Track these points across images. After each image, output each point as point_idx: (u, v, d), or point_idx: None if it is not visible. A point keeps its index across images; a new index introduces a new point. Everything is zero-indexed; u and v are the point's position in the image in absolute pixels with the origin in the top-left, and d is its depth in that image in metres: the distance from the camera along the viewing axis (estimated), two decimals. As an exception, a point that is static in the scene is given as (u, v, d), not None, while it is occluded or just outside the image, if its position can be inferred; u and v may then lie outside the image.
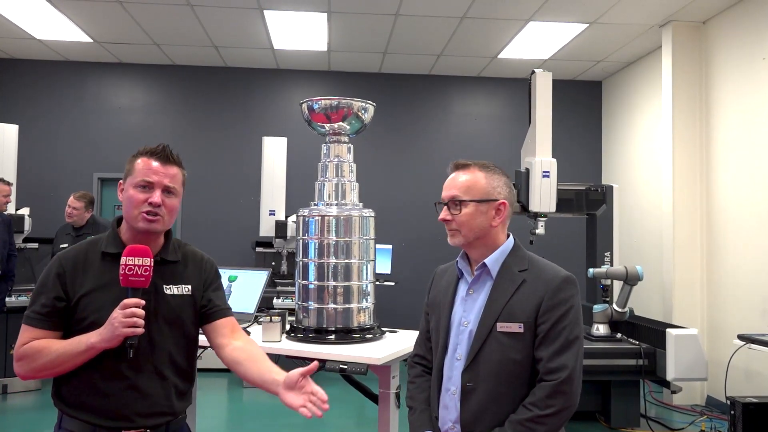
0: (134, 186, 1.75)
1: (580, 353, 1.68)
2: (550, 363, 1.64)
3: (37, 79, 7.50)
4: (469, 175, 1.78)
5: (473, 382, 1.70)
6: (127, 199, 1.76)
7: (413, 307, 6.92)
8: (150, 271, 1.70)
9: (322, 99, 2.92)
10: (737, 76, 5.42)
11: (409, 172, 7.75)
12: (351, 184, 3.00)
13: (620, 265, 4.92)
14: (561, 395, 1.62)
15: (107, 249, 1.78)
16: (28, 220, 6.08)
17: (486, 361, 1.69)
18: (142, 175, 1.75)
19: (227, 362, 1.84)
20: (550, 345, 1.64)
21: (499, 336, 1.68)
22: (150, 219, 1.74)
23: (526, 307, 1.68)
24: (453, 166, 1.83)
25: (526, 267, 1.75)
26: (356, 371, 2.57)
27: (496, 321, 1.69)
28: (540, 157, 5.08)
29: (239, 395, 5.90)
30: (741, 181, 5.34)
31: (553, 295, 1.67)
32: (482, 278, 1.78)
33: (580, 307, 1.72)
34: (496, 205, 1.76)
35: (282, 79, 7.76)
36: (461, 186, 1.76)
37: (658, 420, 5.13)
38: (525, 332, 1.67)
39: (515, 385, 1.67)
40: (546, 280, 1.70)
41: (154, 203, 1.74)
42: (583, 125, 7.95)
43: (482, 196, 1.75)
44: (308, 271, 2.90)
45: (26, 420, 5.06)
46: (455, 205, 1.76)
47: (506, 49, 6.78)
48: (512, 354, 1.67)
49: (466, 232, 1.76)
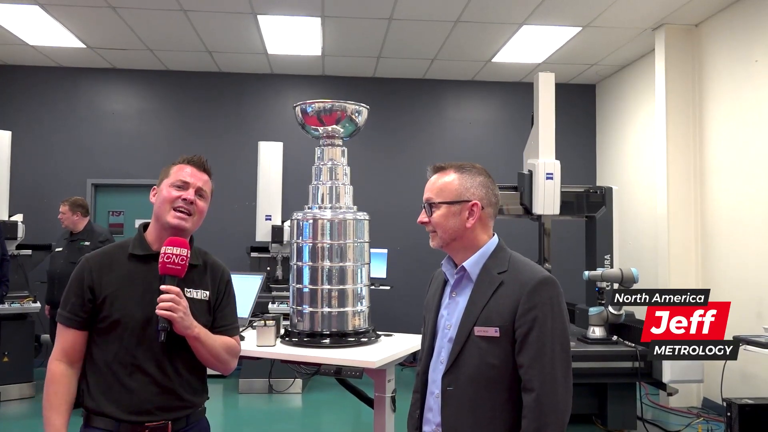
0: (170, 185, 1.92)
1: (562, 356, 1.62)
2: (530, 371, 1.60)
3: (30, 86, 7.47)
4: (444, 177, 1.78)
5: (453, 386, 1.68)
6: (162, 196, 1.91)
7: (409, 311, 6.94)
8: (186, 262, 1.84)
9: (316, 102, 2.91)
10: (730, 79, 5.44)
11: (403, 176, 7.75)
12: (345, 187, 3.00)
13: (616, 268, 4.92)
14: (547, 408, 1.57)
15: (134, 251, 1.90)
16: (21, 227, 6.04)
17: (465, 366, 1.67)
18: (178, 176, 1.92)
19: None
20: (528, 351, 1.60)
21: (477, 340, 1.66)
22: (180, 216, 1.89)
23: (502, 311, 1.65)
24: (431, 169, 1.83)
25: (505, 269, 1.71)
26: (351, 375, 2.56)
27: (474, 325, 1.67)
28: (543, 159, 5.07)
29: (235, 401, 5.87)
30: (735, 183, 5.36)
31: (529, 297, 1.63)
32: (463, 282, 1.77)
33: (560, 308, 1.66)
34: (468, 206, 1.74)
35: (276, 83, 7.75)
36: (434, 188, 1.78)
37: (654, 422, 5.12)
38: (501, 336, 1.63)
39: (494, 390, 1.64)
40: (522, 282, 1.66)
41: (189, 199, 1.89)
42: (577, 128, 7.97)
43: (454, 197, 1.74)
44: (303, 275, 2.89)
45: (21, 428, 5.02)
46: (429, 208, 1.78)
47: (500, 52, 6.80)
48: (490, 359, 1.64)
49: (442, 233, 1.76)
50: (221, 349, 1.92)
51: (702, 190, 5.81)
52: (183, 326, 1.80)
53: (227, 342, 1.96)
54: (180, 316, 1.79)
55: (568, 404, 1.62)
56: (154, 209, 1.93)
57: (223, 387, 6.26)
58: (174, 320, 1.78)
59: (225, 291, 2.00)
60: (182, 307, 1.80)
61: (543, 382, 1.58)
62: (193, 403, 1.89)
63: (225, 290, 2.00)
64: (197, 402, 1.92)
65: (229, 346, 1.96)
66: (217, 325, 1.96)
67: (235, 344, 2.00)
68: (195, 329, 1.83)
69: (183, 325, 1.80)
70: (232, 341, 1.99)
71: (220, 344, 1.92)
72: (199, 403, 1.93)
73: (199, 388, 1.94)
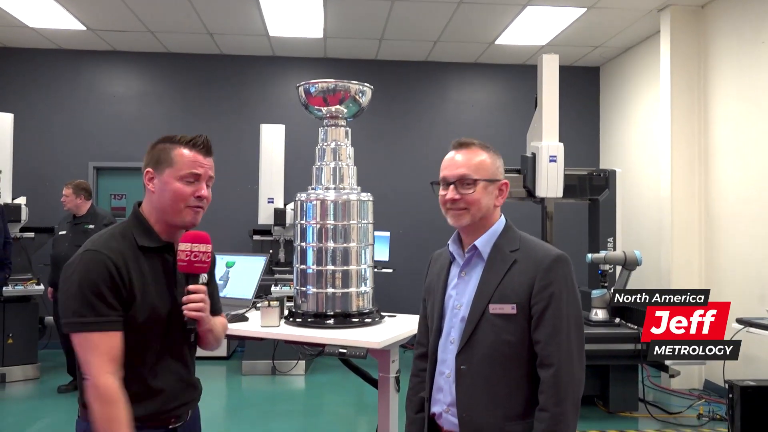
0: (180, 179, 1.69)
1: (577, 332, 1.65)
2: (547, 347, 1.62)
3: (30, 68, 7.43)
4: (477, 154, 1.74)
5: (467, 365, 1.69)
6: (171, 192, 1.68)
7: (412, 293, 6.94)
8: (210, 257, 1.75)
9: (320, 82, 2.89)
10: (736, 61, 5.40)
11: (406, 159, 7.73)
12: (349, 168, 2.98)
13: (619, 250, 4.92)
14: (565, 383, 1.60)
15: (143, 243, 1.70)
16: (24, 210, 6.04)
17: (479, 344, 1.67)
18: (189, 167, 1.69)
19: None
20: (545, 327, 1.62)
21: (492, 318, 1.66)
22: (197, 212, 1.73)
23: (518, 288, 1.66)
24: (456, 144, 1.79)
25: (517, 247, 1.72)
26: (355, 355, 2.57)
27: (489, 303, 1.67)
28: (547, 142, 5.04)
29: (238, 383, 5.90)
30: (740, 166, 5.33)
31: (545, 274, 1.64)
32: (474, 260, 1.76)
33: (574, 285, 1.69)
34: (499, 185, 1.76)
35: (278, 66, 7.70)
36: (472, 165, 1.72)
37: (656, 404, 5.15)
38: (518, 313, 1.65)
39: (510, 366, 1.66)
40: (537, 259, 1.67)
41: (203, 196, 1.71)
42: (581, 111, 7.92)
43: (490, 176, 1.73)
44: (306, 256, 2.89)
45: (25, 409, 5.06)
46: (467, 185, 1.72)
47: (503, 34, 6.74)
48: (506, 336, 1.65)
49: (475, 211, 1.72)
50: (222, 333, 1.93)
51: (706, 173, 5.78)
52: (206, 323, 1.75)
53: (223, 323, 1.97)
54: (207, 314, 1.73)
55: (583, 378, 1.66)
56: (157, 201, 1.72)
57: (227, 369, 6.29)
58: (202, 320, 1.72)
59: (212, 272, 1.92)
60: (208, 305, 1.74)
61: (560, 357, 1.61)
62: (200, 390, 1.88)
63: (212, 271, 1.92)
64: (200, 389, 1.89)
65: (225, 327, 1.98)
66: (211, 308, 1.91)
67: (226, 323, 2.02)
68: (210, 322, 1.79)
69: (206, 321, 1.75)
70: (225, 320, 2.01)
71: (221, 328, 1.92)
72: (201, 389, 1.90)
73: None
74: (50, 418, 4.70)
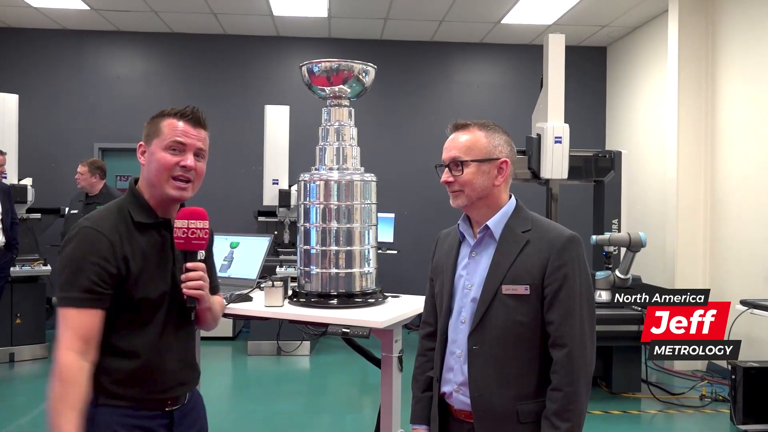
0: (164, 148, 1.66)
1: (589, 313, 1.66)
2: (560, 328, 1.62)
3: (34, 49, 7.42)
4: (470, 135, 1.74)
5: (479, 345, 1.68)
6: (156, 162, 1.66)
7: (416, 274, 6.96)
8: (208, 234, 1.72)
9: (323, 61, 2.87)
10: (744, 40, 5.33)
11: (410, 140, 7.70)
12: (352, 148, 2.97)
13: (623, 232, 4.90)
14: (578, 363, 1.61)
15: (139, 218, 1.67)
16: (30, 191, 6.06)
17: (492, 325, 1.67)
18: (173, 135, 1.67)
19: None
20: (558, 308, 1.63)
21: (505, 299, 1.66)
22: (181, 186, 1.67)
23: (531, 269, 1.66)
24: (452, 127, 1.79)
25: (529, 227, 1.72)
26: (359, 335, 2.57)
27: (501, 284, 1.67)
28: (552, 123, 5.01)
29: (244, 363, 5.95)
30: (746, 147, 5.29)
31: (559, 255, 1.65)
32: (485, 241, 1.75)
33: (586, 266, 1.69)
34: (497, 164, 1.73)
35: (282, 46, 7.66)
36: (461, 146, 1.73)
37: (659, 385, 5.16)
38: (531, 294, 1.65)
39: (522, 347, 1.66)
40: (550, 240, 1.67)
41: (189, 166, 1.67)
42: (587, 92, 7.86)
43: (483, 155, 1.72)
44: (310, 236, 2.89)
45: (34, 388, 5.12)
46: (456, 166, 1.72)
47: (510, 14, 6.67)
48: (518, 317, 1.66)
49: (469, 192, 1.72)
50: (219, 312, 1.92)
51: (712, 155, 5.74)
52: (205, 301, 1.73)
53: (221, 302, 1.96)
54: (207, 293, 1.72)
55: (594, 359, 1.67)
56: (146, 173, 1.69)
57: (232, 349, 6.35)
58: (202, 298, 1.69)
59: (210, 250, 1.89)
60: (207, 283, 1.72)
61: (573, 338, 1.62)
62: (199, 372, 1.86)
63: (210, 249, 1.89)
64: (199, 370, 1.88)
65: (223, 306, 1.98)
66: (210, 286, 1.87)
67: (224, 302, 2.02)
68: (210, 300, 1.78)
69: (206, 299, 1.73)
70: (222, 300, 2.00)
71: (219, 307, 1.92)
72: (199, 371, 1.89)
73: None
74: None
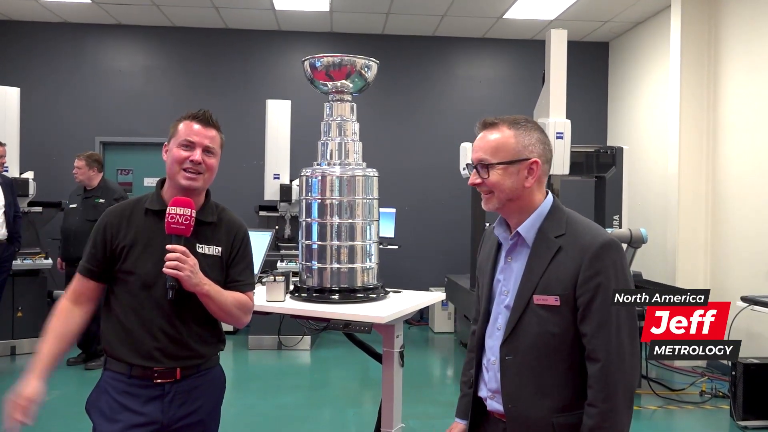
0: (178, 145, 1.94)
1: (628, 324, 1.57)
2: (593, 341, 1.54)
3: (37, 42, 7.40)
4: (498, 134, 1.64)
5: (512, 354, 1.63)
6: (171, 157, 1.94)
7: (417, 270, 6.97)
8: (191, 222, 1.87)
9: (325, 56, 2.87)
10: (747, 35, 5.31)
11: (412, 135, 7.69)
12: (354, 143, 2.97)
13: (625, 228, 4.90)
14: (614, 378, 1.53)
15: (150, 206, 1.96)
16: (32, 184, 6.07)
17: (524, 335, 1.61)
18: (184, 135, 1.94)
19: None
20: (592, 319, 1.54)
21: (536, 309, 1.59)
22: (190, 177, 1.92)
23: (562, 278, 1.57)
24: (480, 125, 1.70)
25: (563, 231, 1.62)
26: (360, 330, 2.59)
27: (533, 294, 1.60)
28: (554, 118, 5.01)
29: (245, 357, 5.97)
30: (748, 143, 5.28)
31: (591, 264, 1.55)
32: (519, 246, 1.68)
33: (625, 273, 1.59)
34: (527, 165, 1.63)
35: (284, 40, 7.64)
36: (488, 147, 1.63)
37: (659, 381, 5.17)
38: (562, 305, 1.57)
39: (556, 358, 1.59)
40: (582, 246, 1.57)
41: (195, 161, 1.91)
42: (589, 87, 7.84)
43: (512, 156, 1.62)
44: (311, 232, 2.90)
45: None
46: (484, 169, 1.64)
47: (512, 8, 6.65)
48: (550, 327, 1.58)
49: (499, 194, 1.64)
50: (232, 305, 1.93)
51: (714, 150, 5.73)
52: (191, 284, 1.85)
53: (238, 298, 1.97)
54: (187, 274, 1.83)
55: (636, 372, 1.59)
56: (167, 168, 1.97)
57: (233, 343, 6.36)
58: (181, 278, 1.83)
59: (240, 247, 2.02)
60: (189, 266, 1.83)
61: (608, 351, 1.54)
62: (202, 354, 1.96)
63: (240, 247, 2.02)
64: (207, 353, 1.98)
65: (241, 302, 1.97)
66: (230, 281, 1.98)
67: (247, 300, 2.01)
68: (205, 286, 1.87)
69: (191, 282, 1.84)
70: (244, 297, 1.99)
71: (231, 300, 1.93)
72: (210, 354, 1.99)
73: (211, 340, 2.00)
74: (60, 390, 4.77)
